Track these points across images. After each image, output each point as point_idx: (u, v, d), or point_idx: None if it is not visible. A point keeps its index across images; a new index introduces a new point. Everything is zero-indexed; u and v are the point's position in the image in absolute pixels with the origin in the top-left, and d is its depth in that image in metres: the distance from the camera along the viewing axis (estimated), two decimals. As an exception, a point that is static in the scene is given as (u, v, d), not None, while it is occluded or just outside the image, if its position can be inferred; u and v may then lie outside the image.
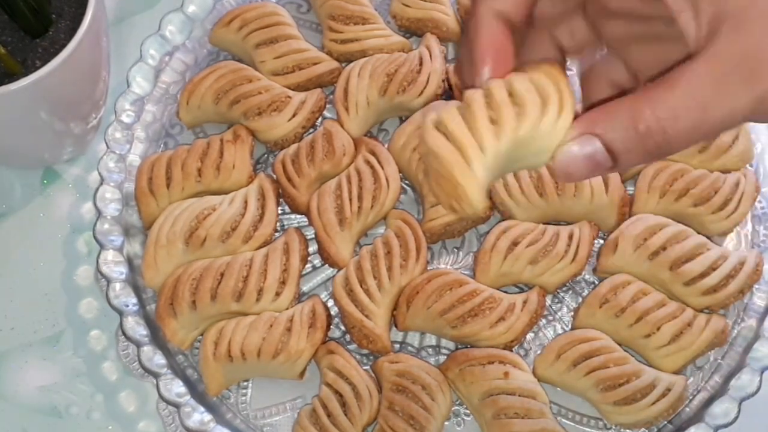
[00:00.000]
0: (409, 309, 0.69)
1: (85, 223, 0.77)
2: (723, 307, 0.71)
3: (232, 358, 0.67)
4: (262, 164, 0.77)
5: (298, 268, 0.70)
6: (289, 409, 0.70)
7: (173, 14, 0.79)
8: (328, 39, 0.79)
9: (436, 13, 0.79)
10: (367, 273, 0.69)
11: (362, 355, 0.70)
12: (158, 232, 0.71)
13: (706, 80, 0.39)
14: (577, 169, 0.41)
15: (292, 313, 0.68)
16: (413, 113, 0.75)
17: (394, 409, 0.66)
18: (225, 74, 0.76)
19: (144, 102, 0.76)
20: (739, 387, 0.67)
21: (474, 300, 0.68)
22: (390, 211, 0.73)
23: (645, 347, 0.69)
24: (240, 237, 0.70)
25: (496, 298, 0.69)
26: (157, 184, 0.73)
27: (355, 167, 0.73)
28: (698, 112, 0.39)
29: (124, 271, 0.70)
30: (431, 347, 0.72)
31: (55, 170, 0.79)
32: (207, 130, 0.79)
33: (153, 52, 0.78)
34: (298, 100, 0.76)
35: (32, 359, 0.72)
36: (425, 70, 0.75)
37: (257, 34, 0.78)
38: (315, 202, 0.72)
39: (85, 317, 0.74)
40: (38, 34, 0.68)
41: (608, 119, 0.40)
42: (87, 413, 0.71)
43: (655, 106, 0.39)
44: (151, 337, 0.68)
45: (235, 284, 0.68)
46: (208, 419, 0.66)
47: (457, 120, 0.41)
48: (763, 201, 0.76)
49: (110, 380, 0.72)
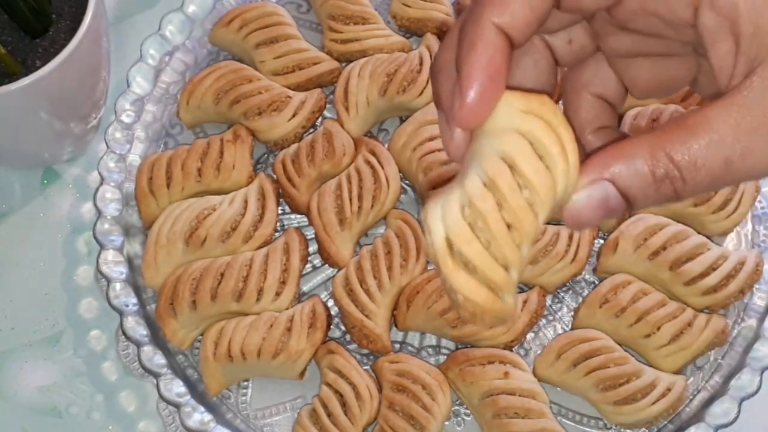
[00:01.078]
0: (409, 309, 0.69)
1: (85, 223, 0.77)
2: (723, 307, 0.71)
3: (232, 358, 0.67)
4: (262, 164, 0.77)
5: (298, 268, 0.70)
6: (289, 409, 0.70)
7: (173, 14, 0.79)
8: (328, 39, 0.79)
9: (436, 13, 0.79)
10: (367, 273, 0.69)
11: (362, 355, 0.70)
12: (158, 232, 0.71)
13: (733, 132, 0.35)
14: (590, 217, 0.38)
15: (292, 313, 0.68)
16: (413, 113, 0.75)
17: (394, 408, 0.66)
18: (225, 74, 0.76)
19: (144, 102, 0.76)
20: (739, 387, 0.67)
21: (474, 300, 0.68)
22: (390, 211, 0.73)
23: (645, 347, 0.69)
24: (240, 237, 0.70)
25: (496, 298, 0.69)
26: (157, 184, 0.73)
27: (355, 167, 0.73)
28: (721, 164, 0.36)
29: (124, 271, 0.70)
30: (431, 347, 0.72)
31: (55, 170, 0.79)
32: (207, 130, 0.79)
33: (153, 52, 0.78)
34: (298, 100, 0.76)
35: (32, 359, 0.72)
36: (425, 70, 0.75)
37: (257, 34, 0.78)
38: (315, 202, 0.72)
39: (85, 317, 0.74)
40: (38, 34, 0.68)
41: (623, 163, 0.36)
42: (87, 413, 0.71)
43: (674, 150, 0.36)
44: (151, 337, 0.68)
45: (235, 284, 0.68)
46: (208, 419, 0.66)
47: (473, 244, 0.35)
48: (763, 201, 0.76)
49: (110, 380, 0.72)
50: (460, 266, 0.36)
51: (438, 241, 0.36)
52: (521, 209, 0.36)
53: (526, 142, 0.36)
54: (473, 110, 0.36)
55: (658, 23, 0.39)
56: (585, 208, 0.37)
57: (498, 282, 0.36)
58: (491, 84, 0.36)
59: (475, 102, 0.36)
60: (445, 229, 0.36)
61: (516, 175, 0.36)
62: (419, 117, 0.75)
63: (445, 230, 0.36)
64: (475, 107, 0.36)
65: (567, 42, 0.43)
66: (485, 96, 0.36)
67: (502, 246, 0.36)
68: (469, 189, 0.36)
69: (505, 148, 0.36)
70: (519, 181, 0.36)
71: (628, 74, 0.43)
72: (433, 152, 0.72)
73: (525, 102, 0.37)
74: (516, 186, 0.36)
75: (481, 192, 0.36)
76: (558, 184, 0.36)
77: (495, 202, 0.35)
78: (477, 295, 0.36)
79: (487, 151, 0.36)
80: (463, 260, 0.35)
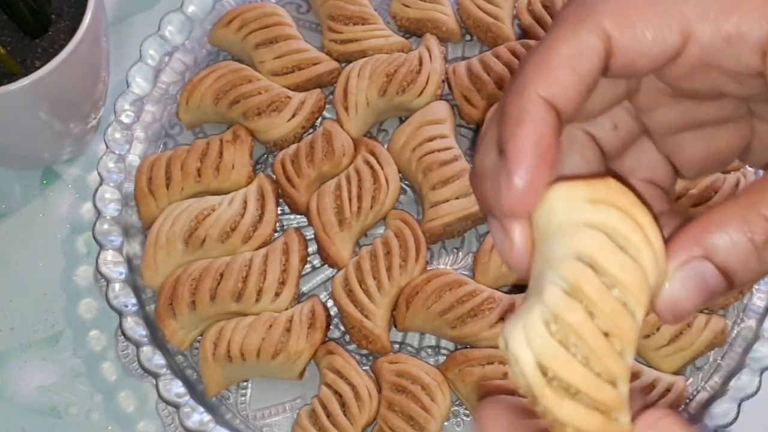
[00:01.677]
0: (409, 309, 0.69)
1: (84, 223, 0.77)
2: (722, 308, 0.71)
3: (232, 359, 0.67)
4: (261, 164, 0.77)
5: (298, 268, 0.70)
6: (289, 409, 0.70)
7: (173, 14, 0.79)
8: (328, 39, 0.79)
9: (435, 14, 0.79)
10: (366, 273, 0.69)
11: (362, 356, 0.70)
12: (158, 232, 0.71)
13: None
14: (688, 305, 0.33)
15: (291, 314, 0.68)
16: (413, 113, 0.75)
17: (393, 409, 0.66)
18: (224, 74, 0.76)
19: (143, 102, 0.76)
20: (738, 387, 0.67)
21: (474, 300, 0.68)
22: (389, 211, 0.73)
23: (644, 348, 0.69)
24: (239, 237, 0.70)
25: (496, 299, 0.69)
26: (156, 185, 0.73)
27: (354, 167, 0.73)
28: None
29: (123, 272, 0.70)
30: (431, 347, 0.72)
31: (54, 170, 0.79)
32: (206, 131, 0.79)
33: (152, 52, 0.77)
34: (298, 101, 0.76)
35: (32, 359, 0.72)
36: (425, 70, 0.75)
37: (257, 35, 0.78)
38: (314, 202, 0.72)
39: (85, 317, 0.74)
40: (38, 34, 0.68)
41: (716, 235, 0.32)
42: (86, 413, 0.71)
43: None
44: (150, 337, 0.68)
45: (235, 284, 0.68)
46: (207, 419, 0.66)
47: (572, 365, 0.30)
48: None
49: (109, 380, 0.72)
50: (561, 394, 0.30)
51: (529, 370, 0.30)
52: (616, 313, 0.31)
53: (601, 234, 0.31)
54: (525, 194, 0.32)
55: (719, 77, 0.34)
56: (683, 296, 0.33)
57: (609, 402, 0.31)
58: (542, 164, 0.32)
59: (527, 184, 0.32)
60: (535, 355, 0.30)
61: (600, 275, 0.31)
62: (419, 117, 0.75)
63: (535, 356, 0.30)
64: (527, 190, 0.32)
65: (612, 128, 0.38)
66: (537, 176, 0.32)
67: (604, 359, 0.31)
68: (550, 302, 0.31)
69: (579, 247, 0.31)
70: (605, 281, 0.31)
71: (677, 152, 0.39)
72: (433, 152, 0.72)
73: (588, 190, 0.32)
74: (604, 288, 0.31)
75: (566, 302, 0.31)
76: (649, 275, 0.32)
77: (585, 311, 0.31)
78: (589, 423, 0.30)
79: (558, 255, 0.32)
80: (563, 386, 0.30)
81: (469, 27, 0.80)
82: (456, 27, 0.80)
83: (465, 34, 0.81)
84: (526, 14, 0.80)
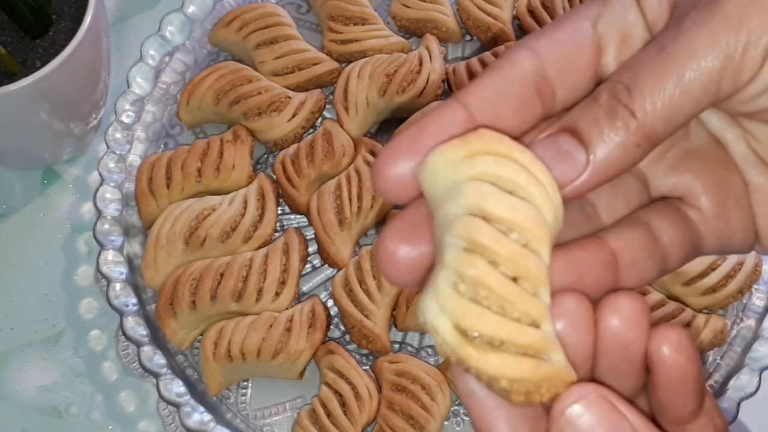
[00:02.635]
0: (409, 309, 0.69)
1: (85, 223, 0.77)
2: (722, 307, 0.71)
3: (232, 358, 0.67)
4: (262, 164, 0.77)
5: (298, 268, 0.71)
6: (289, 409, 0.70)
7: (173, 15, 0.79)
8: (328, 39, 0.79)
9: (435, 14, 0.79)
10: (366, 273, 0.69)
11: (362, 355, 0.70)
12: (158, 232, 0.71)
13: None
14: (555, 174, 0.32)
15: (291, 313, 0.68)
16: (413, 113, 0.75)
17: (393, 409, 0.66)
18: (225, 75, 0.76)
19: (144, 102, 0.77)
20: (738, 387, 0.67)
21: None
22: (389, 211, 0.73)
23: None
24: (240, 237, 0.71)
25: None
26: (157, 185, 0.73)
27: (354, 167, 0.73)
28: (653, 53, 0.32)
29: (124, 271, 0.70)
30: (431, 347, 0.72)
31: (55, 170, 0.79)
32: (207, 131, 0.79)
33: (153, 52, 0.78)
34: (298, 101, 0.76)
35: (32, 359, 0.73)
36: (425, 70, 0.75)
37: (257, 35, 0.78)
38: (315, 202, 0.73)
39: (85, 317, 0.74)
40: (38, 35, 0.68)
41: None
42: (87, 413, 0.71)
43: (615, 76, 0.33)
44: (151, 337, 0.68)
45: (235, 284, 0.68)
46: (208, 419, 0.66)
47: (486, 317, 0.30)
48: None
49: (110, 380, 0.72)
50: (484, 349, 0.29)
51: (448, 335, 0.30)
52: (518, 255, 0.30)
53: (485, 184, 0.30)
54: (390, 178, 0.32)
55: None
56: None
57: (534, 344, 0.30)
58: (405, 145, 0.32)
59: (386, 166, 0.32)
60: (451, 319, 0.30)
61: (494, 224, 0.30)
62: (419, 117, 0.75)
63: (451, 320, 0.30)
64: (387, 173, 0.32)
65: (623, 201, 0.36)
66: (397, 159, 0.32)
67: (518, 303, 0.30)
68: (452, 263, 0.30)
69: (467, 201, 0.30)
70: (501, 228, 0.30)
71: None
72: (433, 152, 0.72)
73: (464, 146, 0.31)
74: (498, 234, 0.30)
75: (466, 259, 0.30)
76: (544, 211, 0.31)
77: (485, 262, 0.30)
78: (520, 369, 0.29)
79: (451, 216, 0.31)
80: (485, 341, 0.29)
81: (469, 27, 0.80)
82: (456, 27, 0.80)
83: (465, 34, 0.82)
84: (526, 14, 0.80)
